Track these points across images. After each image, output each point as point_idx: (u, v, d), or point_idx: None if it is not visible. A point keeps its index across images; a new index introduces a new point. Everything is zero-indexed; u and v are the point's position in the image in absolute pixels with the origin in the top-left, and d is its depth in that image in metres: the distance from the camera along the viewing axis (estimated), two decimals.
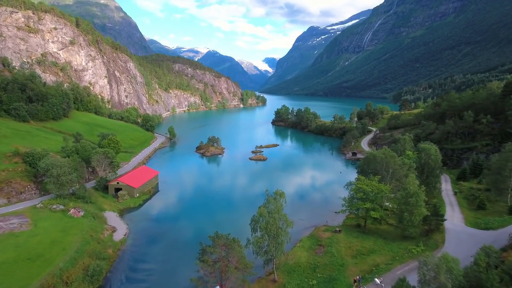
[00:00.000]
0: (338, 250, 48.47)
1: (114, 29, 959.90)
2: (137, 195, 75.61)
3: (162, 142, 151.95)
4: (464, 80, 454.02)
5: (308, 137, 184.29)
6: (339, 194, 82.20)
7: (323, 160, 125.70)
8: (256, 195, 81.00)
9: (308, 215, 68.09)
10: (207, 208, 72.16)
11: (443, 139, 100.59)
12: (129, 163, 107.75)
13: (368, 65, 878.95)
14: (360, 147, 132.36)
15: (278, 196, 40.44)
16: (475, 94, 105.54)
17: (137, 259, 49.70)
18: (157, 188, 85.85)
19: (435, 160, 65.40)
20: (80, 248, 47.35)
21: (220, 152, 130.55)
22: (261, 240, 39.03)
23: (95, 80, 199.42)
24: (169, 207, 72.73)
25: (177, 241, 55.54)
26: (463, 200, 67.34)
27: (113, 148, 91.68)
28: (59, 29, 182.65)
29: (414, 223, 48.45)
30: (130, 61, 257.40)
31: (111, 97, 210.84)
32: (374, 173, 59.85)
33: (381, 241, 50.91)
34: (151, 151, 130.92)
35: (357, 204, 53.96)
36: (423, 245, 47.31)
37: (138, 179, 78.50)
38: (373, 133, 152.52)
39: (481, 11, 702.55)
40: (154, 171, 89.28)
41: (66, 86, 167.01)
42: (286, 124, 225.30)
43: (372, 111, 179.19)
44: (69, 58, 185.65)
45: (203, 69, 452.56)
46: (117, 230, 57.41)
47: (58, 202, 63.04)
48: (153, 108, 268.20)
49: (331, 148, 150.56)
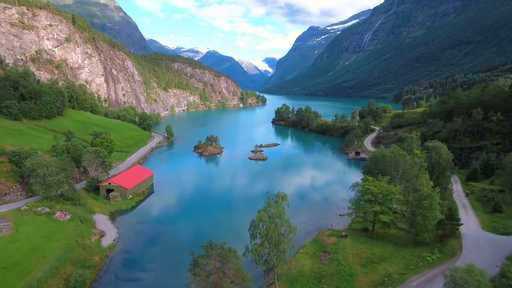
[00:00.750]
0: (345, 257, 44.38)
1: (114, 29, 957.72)
2: (129, 196, 71.50)
3: (160, 141, 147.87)
4: (465, 79, 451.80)
5: (309, 136, 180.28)
6: (343, 195, 78.44)
7: (325, 159, 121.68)
8: (256, 196, 76.98)
9: (310, 217, 64.01)
10: (204, 210, 68.09)
11: (451, 137, 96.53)
12: (124, 163, 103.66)
13: (368, 65, 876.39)
14: (363, 146, 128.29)
15: (280, 199, 36.36)
16: (483, 91, 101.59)
17: (127, 267, 45.62)
18: (152, 189, 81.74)
19: (447, 159, 61.31)
20: (63, 256, 43.24)
21: (218, 152, 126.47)
22: (261, 248, 34.95)
23: (91, 78, 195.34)
24: (163, 209, 68.63)
25: (171, 247, 51.47)
26: (476, 202, 63.30)
27: (106, 147, 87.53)
28: (55, 26, 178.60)
29: (428, 228, 44.42)
30: (128, 59, 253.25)
31: (108, 95, 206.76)
32: (383, 173, 55.73)
33: (391, 247, 46.83)
34: (147, 150, 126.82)
35: (365, 206, 49.89)
36: (439, 252, 43.26)
37: (131, 180, 74.39)
38: (376, 132, 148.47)
39: (482, 10, 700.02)
40: (148, 171, 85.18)
41: (61, 84, 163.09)
42: (287, 123, 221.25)
43: (374, 110, 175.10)
44: (65, 56, 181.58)
45: (202, 68, 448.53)
46: (106, 235, 53.31)
47: (44, 205, 58.94)
48: (151, 107, 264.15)
49: (333, 147, 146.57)
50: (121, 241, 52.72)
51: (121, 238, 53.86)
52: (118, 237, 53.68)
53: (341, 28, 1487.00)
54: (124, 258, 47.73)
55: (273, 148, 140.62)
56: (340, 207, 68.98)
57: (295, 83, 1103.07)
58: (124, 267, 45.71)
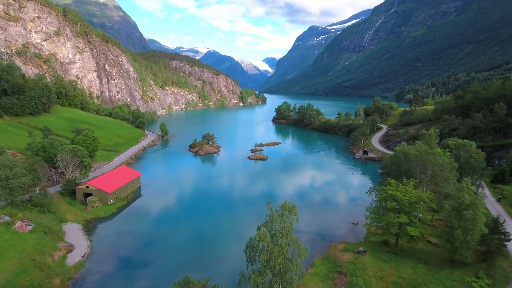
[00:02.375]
0: (366, 281, 35.41)
1: (114, 28, 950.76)
2: (111, 201, 62.39)
3: (153, 140, 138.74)
4: (468, 78, 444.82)
5: (311, 135, 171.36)
6: (353, 199, 69.61)
7: (330, 159, 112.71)
8: (255, 200, 68.03)
9: (318, 226, 55.06)
10: (195, 218, 59.04)
11: (470, 135, 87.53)
12: (111, 163, 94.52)
13: (369, 64, 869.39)
14: (371, 145, 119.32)
15: (286, 212, 27.38)
16: (505, 84, 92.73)
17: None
18: (138, 192, 72.66)
19: (478, 159, 52.39)
20: (10, 280, 34.17)
21: (215, 151, 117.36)
22: (261, 277, 25.97)
23: (83, 74, 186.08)
24: (149, 217, 59.51)
25: (153, 266, 42.45)
26: (511, 208, 54.39)
27: (88, 145, 78.43)
28: (43, 18, 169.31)
29: (470, 245, 35.48)
30: (122, 55, 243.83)
31: (101, 92, 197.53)
32: (407, 176, 46.72)
33: (422, 267, 37.86)
34: (138, 149, 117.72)
35: (388, 216, 40.95)
36: (486, 276, 34.24)
37: (113, 182, 65.27)
38: (384, 130, 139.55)
39: (483, 9, 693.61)
40: (135, 172, 76.06)
41: (49, 80, 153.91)
42: (288, 122, 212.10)
43: (380, 107, 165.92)
44: (54, 50, 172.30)
45: (201, 66, 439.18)
46: (74, 250, 44.25)
47: (4, 212, 49.79)
48: (147, 105, 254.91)
49: (337, 146, 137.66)
50: (92, 258, 43.63)
51: (93, 253, 44.78)
52: (89, 253, 44.60)
53: (341, 28, 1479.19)
54: (92, 281, 38.61)
55: (273, 147, 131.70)
56: (351, 214, 60.04)
57: (295, 83, 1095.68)
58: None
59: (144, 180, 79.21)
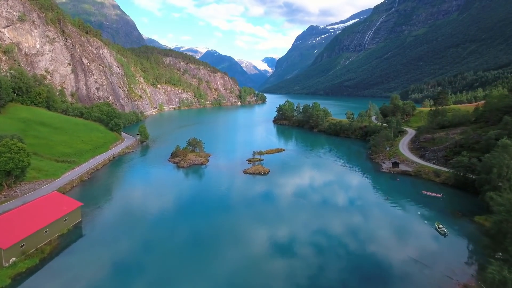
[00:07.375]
0: None
1: (112, 27, 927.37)
2: (10, 261, 37.04)
3: (128, 146, 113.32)
4: (475, 77, 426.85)
5: (319, 138, 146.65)
6: (403, 243, 42.77)
7: (349, 172, 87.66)
8: (255, 255, 43.00)
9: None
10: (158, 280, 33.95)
11: None
12: (56, 181, 68.97)
13: (370, 63, 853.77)
14: (400, 153, 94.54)
15: None
16: None
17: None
18: (76, 232, 47.46)
19: None
20: None
21: (202, 161, 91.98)
22: None
23: (53, 68, 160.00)
24: (80, 284, 34.23)
25: None
26: None
27: (7, 160, 53.11)
28: (3, 1, 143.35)
29: None
30: (104, 48, 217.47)
31: (77, 89, 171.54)
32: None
33: None
34: (104, 159, 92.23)
35: None
36: None
37: (21, 227, 39.82)
38: (409, 134, 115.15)
39: (486, 8, 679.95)
40: (72, 202, 50.41)
41: (6, 73, 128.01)
42: (291, 123, 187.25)
43: (401, 106, 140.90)
44: (17, 39, 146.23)
45: (197, 64, 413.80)
46: None
47: None
48: (134, 104, 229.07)
49: (352, 152, 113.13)
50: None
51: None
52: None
53: (341, 28, 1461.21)
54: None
55: (276, 155, 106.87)
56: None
57: (295, 83, 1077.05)
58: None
59: (91, 211, 54.05)
